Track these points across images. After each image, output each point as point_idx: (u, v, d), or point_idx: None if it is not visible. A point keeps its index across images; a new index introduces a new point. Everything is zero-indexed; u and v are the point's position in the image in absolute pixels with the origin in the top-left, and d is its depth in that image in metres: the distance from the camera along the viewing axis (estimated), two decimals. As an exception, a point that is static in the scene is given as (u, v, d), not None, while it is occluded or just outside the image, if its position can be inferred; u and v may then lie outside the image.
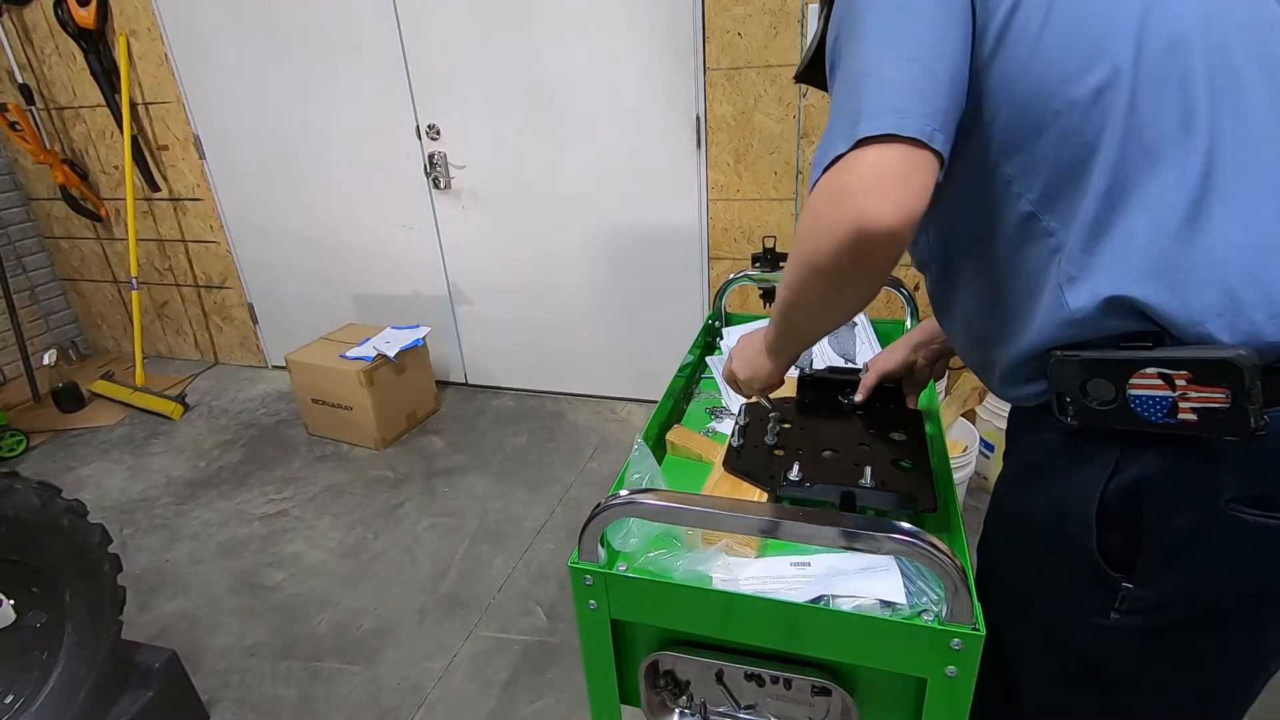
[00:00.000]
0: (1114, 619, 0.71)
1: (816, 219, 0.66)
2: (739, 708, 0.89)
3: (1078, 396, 0.67)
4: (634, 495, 0.79)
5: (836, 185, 0.64)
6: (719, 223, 2.57)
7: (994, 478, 2.28)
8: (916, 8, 0.66)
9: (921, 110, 0.63)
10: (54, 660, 1.35)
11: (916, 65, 0.64)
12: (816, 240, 0.66)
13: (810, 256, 0.68)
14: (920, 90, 0.64)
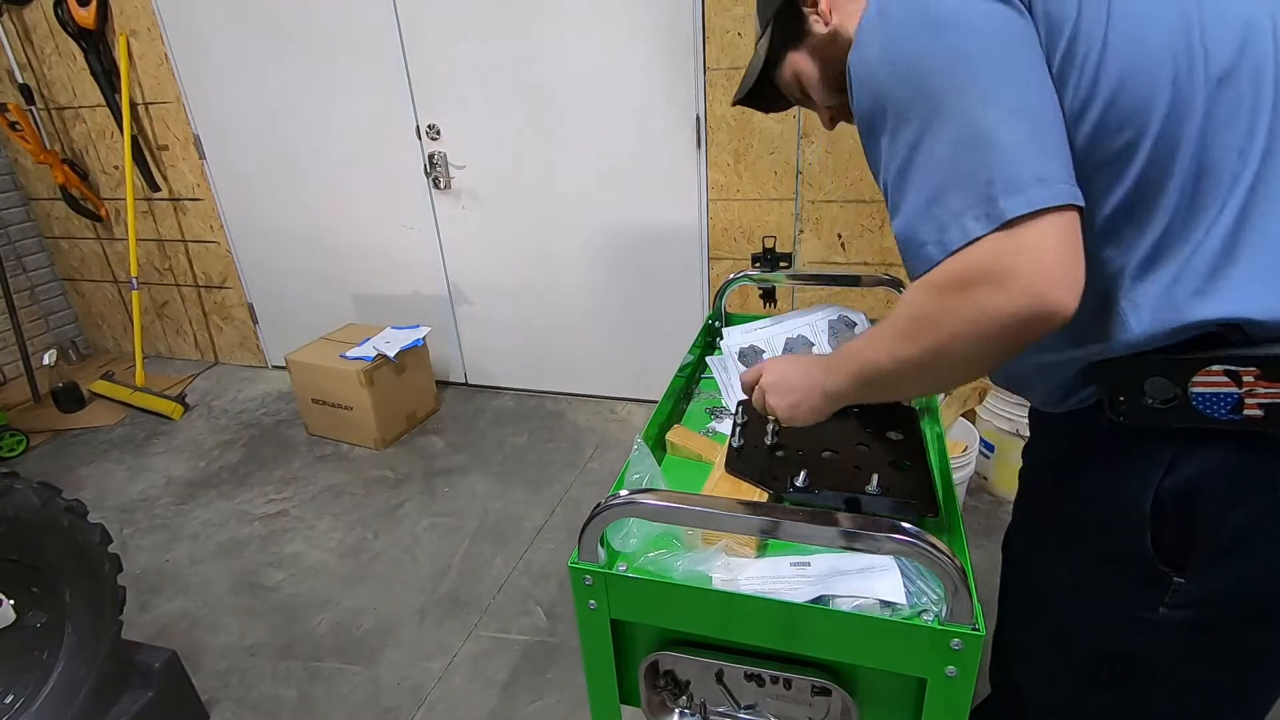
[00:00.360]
0: (1162, 613, 0.71)
1: (967, 305, 0.62)
2: (739, 708, 0.89)
3: (1133, 395, 0.67)
4: (634, 495, 0.79)
5: (993, 270, 0.60)
6: (719, 223, 2.57)
7: (994, 478, 2.28)
8: (1009, 57, 0.63)
9: (1062, 170, 0.61)
10: (54, 660, 1.35)
11: (1036, 121, 0.62)
12: (964, 327, 0.63)
13: (952, 342, 0.65)
14: (1051, 147, 0.61)
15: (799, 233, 2.48)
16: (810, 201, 2.42)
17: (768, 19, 0.88)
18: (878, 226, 2.39)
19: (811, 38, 0.86)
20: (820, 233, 2.46)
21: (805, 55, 0.88)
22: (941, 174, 0.63)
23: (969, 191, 0.61)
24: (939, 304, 0.65)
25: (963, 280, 0.62)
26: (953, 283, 0.63)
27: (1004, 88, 0.62)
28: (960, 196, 0.62)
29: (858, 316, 1.43)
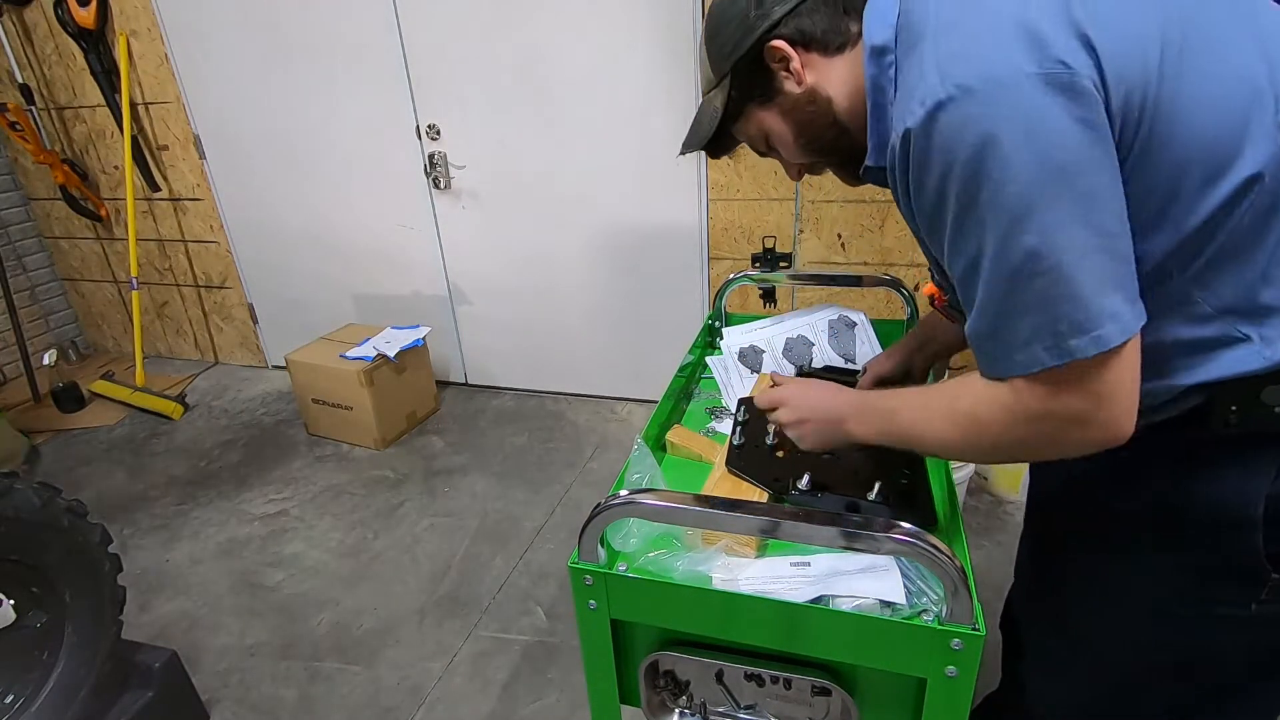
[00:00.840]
0: (1254, 610, 0.73)
1: (1045, 436, 0.68)
2: (739, 708, 0.89)
3: (1249, 403, 0.67)
4: (634, 495, 0.79)
5: (1075, 415, 0.65)
6: (719, 223, 2.57)
7: (994, 478, 2.28)
8: (1087, 168, 0.61)
9: (1131, 300, 0.63)
10: (54, 660, 1.35)
11: (1110, 245, 0.62)
12: (1032, 449, 0.71)
13: (1010, 452, 0.73)
14: (1122, 276, 0.63)
15: (799, 233, 2.48)
16: (810, 201, 2.42)
17: (724, 71, 0.83)
18: (878, 226, 2.39)
19: (782, 97, 0.81)
20: (820, 233, 2.46)
21: (775, 114, 0.83)
22: (1016, 290, 0.64)
23: (1042, 318, 0.63)
24: (1009, 425, 0.69)
25: (1038, 415, 0.67)
26: (1029, 415, 0.68)
27: (1087, 213, 0.61)
28: (1032, 321, 0.64)
29: (858, 316, 1.43)
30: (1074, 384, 0.64)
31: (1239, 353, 0.67)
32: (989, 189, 0.62)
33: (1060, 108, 0.60)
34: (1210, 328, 0.67)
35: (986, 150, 0.61)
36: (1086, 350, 0.62)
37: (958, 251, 0.68)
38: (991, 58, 0.62)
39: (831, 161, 0.87)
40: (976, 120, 0.61)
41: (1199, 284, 0.67)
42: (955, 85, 0.62)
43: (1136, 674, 0.84)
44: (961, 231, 0.66)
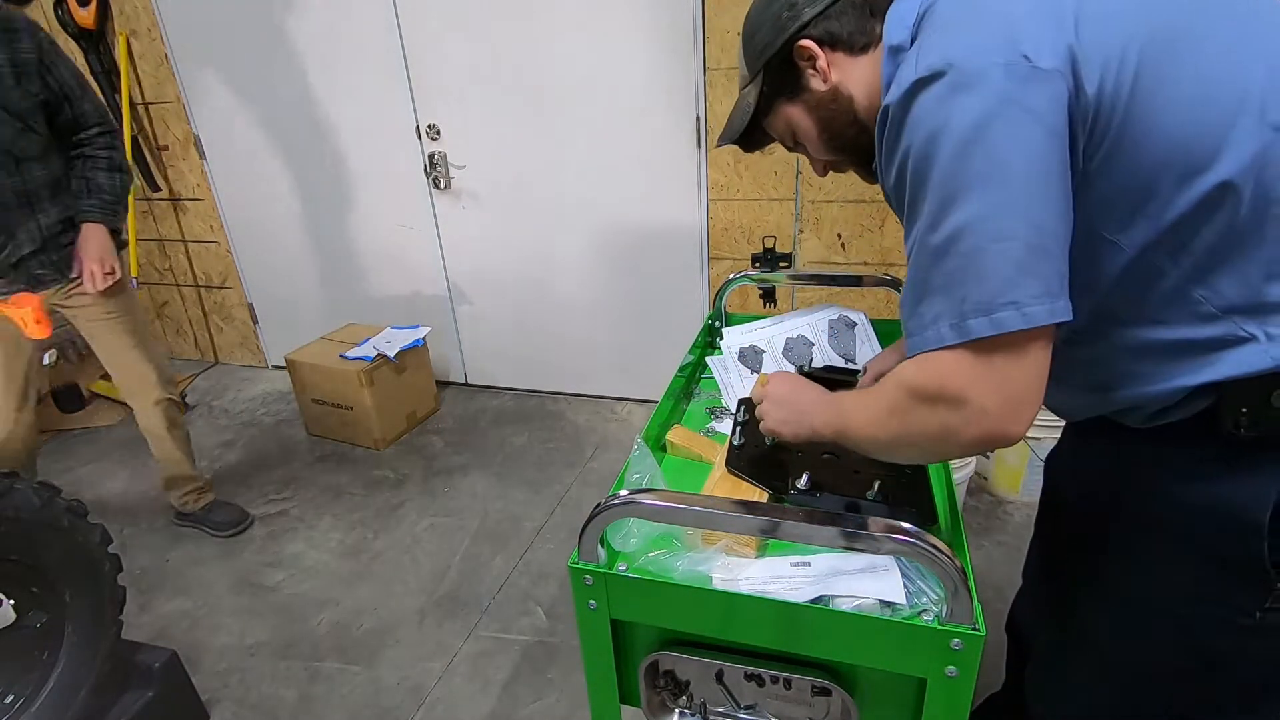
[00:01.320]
0: (1258, 617, 0.73)
1: (930, 420, 0.69)
2: (739, 708, 0.89)
3: (1258, 407, 0.67)
4: (634, 495, 0.79)
5: (956, 394, 0.66)
6: (719, 222, 2.57)
7: (994, 478, 2.28)
8: (1033, 160, 0.63)
9: (1047, 295, 0.63)
10: (54, 660, 1.35)
11: (1038, 239, 0.63)
12: (923, 438, 0.71)
13: (913, 442, 0.73)
14: (1044, 271, 0.63)
15: (799, 233, 2.48)
16: (810, 201, 2.42)
17: (757, 69, 0.87)
18: (878, 226, 2.39)
19: (808, 94, 0.85)
20: (820, 233, 2.46)
21: (801, 110, 0.87)
22: (935, 268, 0.67)
23: (950, 296, 0.65)
24: (908, 408, 0.71)
25: (930, 394, 0.68)
26: (922, 393, 0.69)
27: (1021, 204, 0.63)
28: (942, 300, 0.66)
29: (858, 316, 1.43)
30: (967, 366, 0.65)
31: (1245, 352, 0.66)
32: (935, 169, 0.65)
33: (1018, 99, 0.62)
34: (1214, 327, 0.67)
35: (940, 132, 0.64)
36: (983, 330, 0.63)
37: (907, 231, 0.70)
38: (967, 46, 0.65)
39: (852, 159, 0.90)
40: (939, 101, 0.64)
41: (1198, 282, 0.67)
42: (928, 67, 0.65)
43: (1141, 677, 0.84)
44: (911, 209, 0.69)
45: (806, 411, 0.91)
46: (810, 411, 0.90)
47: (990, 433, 0.66)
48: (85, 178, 1.85)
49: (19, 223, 1.78)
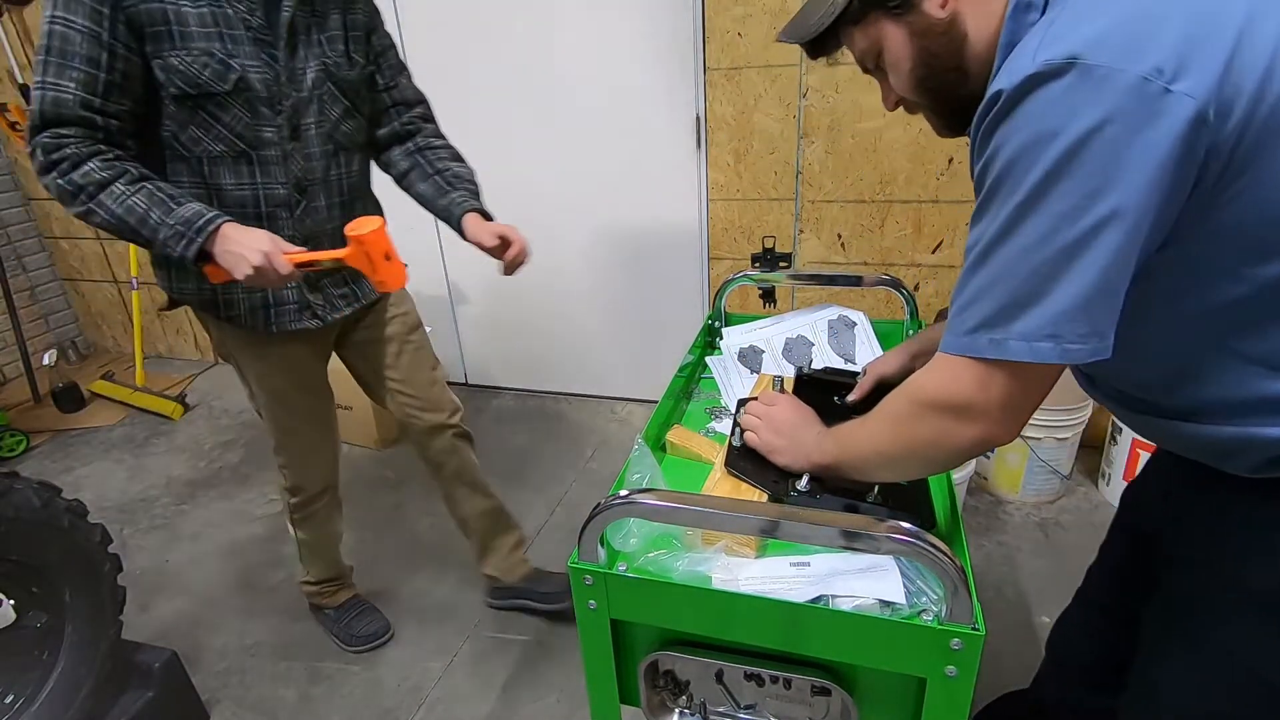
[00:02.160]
0: None
1: (933, 427, 0.72)
2: (739, 707, 0.89)
3: None
4: (634, 495, 0.79)
5: (962, 403, 0.69)
6: (719, 223, 2.57)
7: (994, 478, 2.28)
8: (1136, 189, 0.57)
9: (1091, 335, 0.62)
10: (54, 660, 1.35)
11: (1105, 274, 0.60)
12: (926, 446, 0.74)
13: (913, 450, 0.76)
14: (1096, 307, 0.62)
15: (799, 233, 2.48)
16: (810, 201, 2.42)
17: None
18: (877, 226, 2.39)
19: (917, 16, 0.72)
20: (820, 233, 2.46)
21: (902, 32, 0.74)
22: (993, 276, 0.65)
23: (999, 313, 0.64)
24: (916, 417, 0.75)
25: (938, 406, 0.72)
26: (929, 404, 0.73)
27: (1107, 235, 0.59)
28: (990, 312, 0.65)
29: (858, 316, 1.43)
30: (982, 379, 0.67)
31: None
32: (1024, 176, 0.60)
33: (1136, 124, 0.56)
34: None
35: (1043, 138, 0.59)
36: (1020, 355, 0.64)
37: (976, 219, 0.67)
38: (1101, 41, 0.57)
39: (936, 106, 0.79)
40: (1051, 104, 0.59)
41: None
42: (1048, 61, 0.58)
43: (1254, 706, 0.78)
44: (988, 202, 0.64)
45: (804, 444, 0.94)
46: (807, 444, 0.93)
47: (986, 439, 0.70)
48: (438, 171, 1.52)
49: (326, 231, 1.40)
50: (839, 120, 2.27)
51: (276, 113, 1.26)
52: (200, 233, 1.15)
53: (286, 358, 1.48)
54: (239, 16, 1.18)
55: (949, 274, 2.38)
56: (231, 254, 1.14)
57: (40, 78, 1.11)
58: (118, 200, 1.14)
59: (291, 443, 1.57)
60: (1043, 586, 1.91)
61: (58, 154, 1.12)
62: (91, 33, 1.09)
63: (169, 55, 1.14)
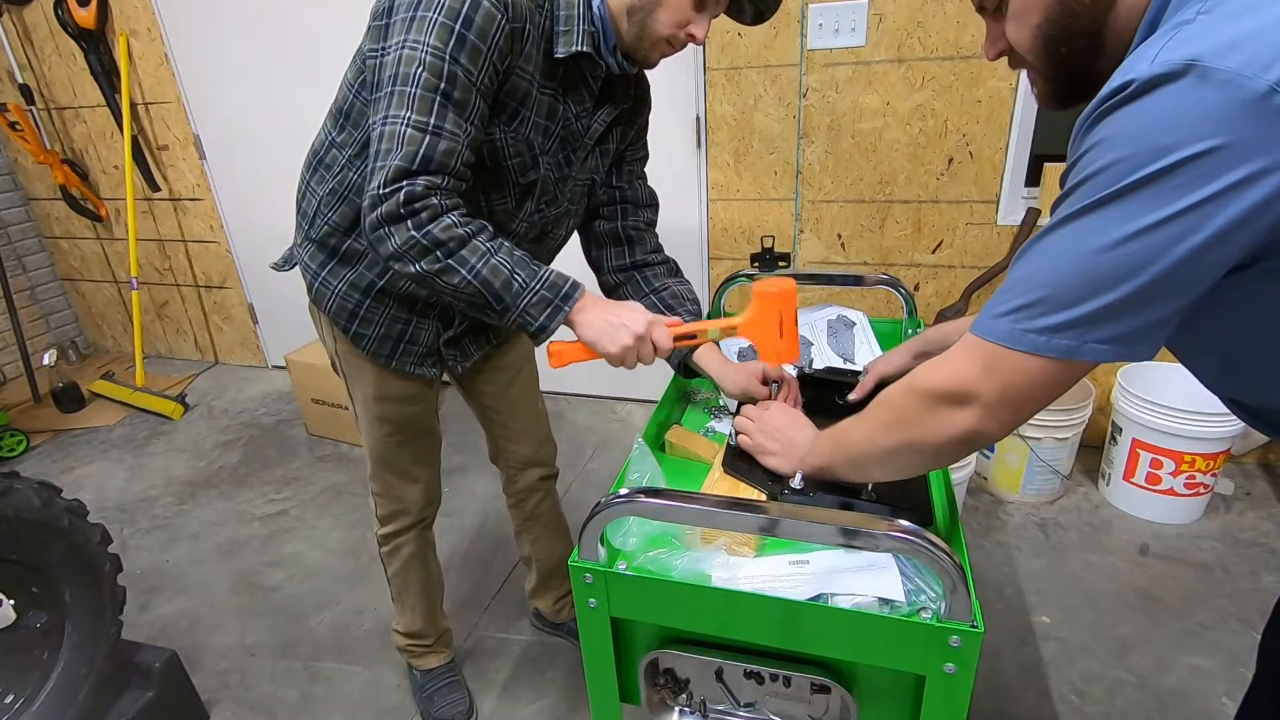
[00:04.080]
0: None
1: (924, 414, 0.72)
2: (739, 705, 0.89)
3: None
4: (634, 494, 0.80)
5: (958, 388, 0.68)
6: (719, 223, 2.57)
7: (994, 478, 2.28)
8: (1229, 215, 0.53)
9: (1117, 340, 0.60)
10: (54, 660, 1.35)
11: (1157, 286, 0.57)
12: (915, 435, 0.73)
13: (907, 440, 0.75)
14: (1152, 313, 0.58)
15: (799, 233, 2.49)
16: (810, 201, 2.43)
17: None
18: (877, 226, 2.40)
19: None
20: (820, 233, 2.46)
21: None
22: (1041, 260, 0.63)
23: (1032, 299, 0.62)
24: (916, 408, 0.74)
25: (947, 392, 0.70)
26: (929, 394, 0.72)
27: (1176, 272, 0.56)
28: (1021, 297, 0.63)
29: (857, 316, 1.43)
30: (993, 367, 0.66)
31: None
32: (1121, 174, 0.56)
33: (1242, 142, 0.52)
34: None
35: (1144, 139, 0.55)
36: (1051, 350, 0.62)
37: (1058, 204, 0.63)
38: (1230, 44, 0.52)
39: (1048, 70, 0.71)
40: (1161, 109, 0.54)
41: None
42: (1170, 63, 0.53)
43: None
44: (1071, 193, 0.61)
45: (797, 447, 0.95)
46: (800, 446, 0.95)
47: (977, 430, 0.69)
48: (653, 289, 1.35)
49: None
50: (839, 120, 2.27)
51: (539, 214, 1.20)
52: (567, 300, 1.03)
53: (400, 392, 1.37)
54: (564, 114, 1.09)
55: (948, 274, 2.39)
56: (608, 324, 1.01)
57: (428, 119, 0.94)
58: (481, 259, 0.98)
59: (385, 473, 1.46)
60: (1042, 587, 1.91)
61: (421, 202, 0.95)
62: (484, 89, 0.98)
63: (496, 129, 1.04)
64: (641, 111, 1.27)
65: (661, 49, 1.05)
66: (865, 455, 0.81)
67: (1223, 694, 1.58)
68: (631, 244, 1.36)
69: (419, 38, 0.93)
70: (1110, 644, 1.72)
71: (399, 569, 1.56)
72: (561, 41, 1.01)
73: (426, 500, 1.51)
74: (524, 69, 1.01)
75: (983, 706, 1.57)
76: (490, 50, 0.95)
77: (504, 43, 0.96)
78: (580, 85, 1.09)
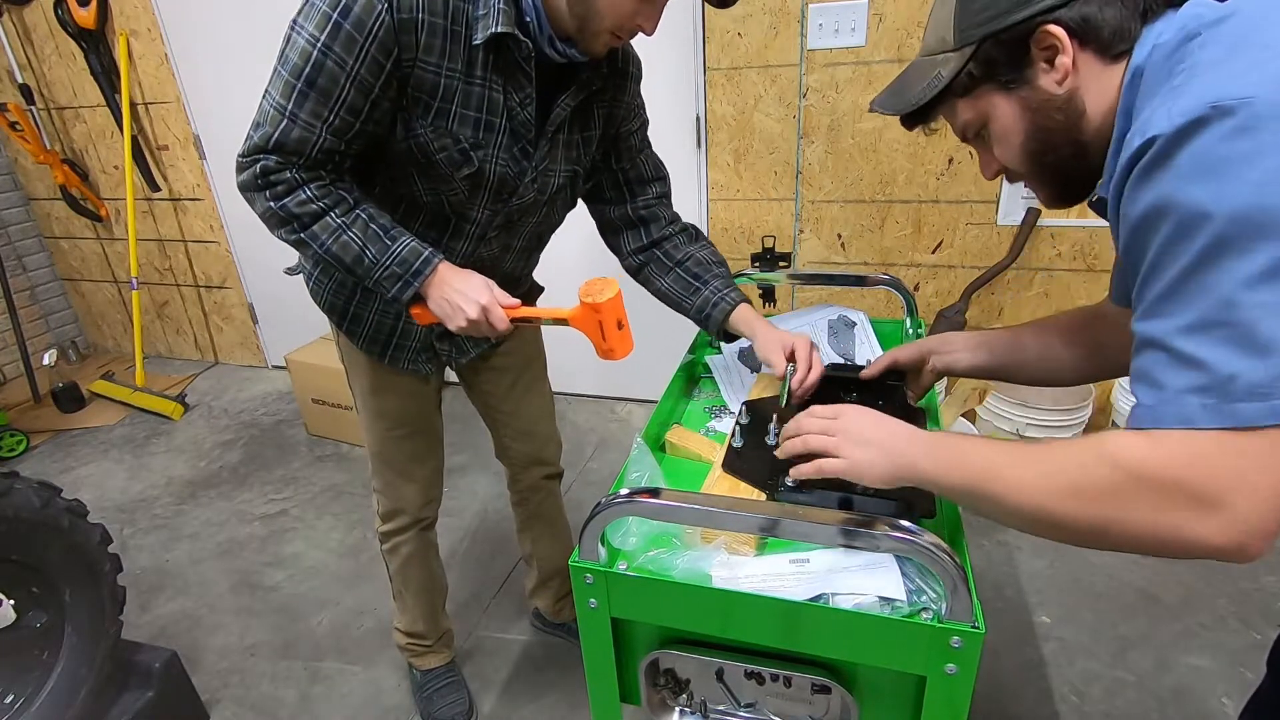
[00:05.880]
0: None
1: (1161, 518, 0.56)
2: (739, 706, 0.89)
3: None
4: (634, 494, 0.79)
5: (1204, 494, 0.54)
6: (719, 223, 2.57)
7: (994, 477, 2.28)
8: None
9: None
10: (54, 660, 1.35)
11: None
12: (1145, 534, 0.58)
13: (1121, 535, 0.59)
14: None
15: (799, 233, 2.49)
16: (810, 201, 2.43)
17: (971, 39, 0.70)
18: (877, 226, 2.40)
19: (1031, 91, 0.69)
20: (820, 233, 2.46)
21: (1014, 107, 0.71)
22: (1192, 330, 0.55)
23: (1208, 369, 0.54)
24: (1129, 493, 0.58)
25: (1168, 485, 0.56)
26: (1158, 483, 0.56)
27: None
28: (1194, 371, 0.54)
29: (858, 316, 1.43)
30: (1231, 460, 0.53)
31: None
32: (1219, 216, 0.53)
33: None
34: None
35: (1229, 175, 0.53)
36: (1260, 418, 0.52)
37: (1148, 279, 0.59)
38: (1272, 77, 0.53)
39: (1047, 179, 0.75)
40: (1231, 142, 0.53)
41: None
42: (1231, 100, 0.53)
43: None
44: (1165, 258, 0.57)
45: (902, 451, 0.76)
46: (907, 451, 0.75)
47: (1229, 545, 0.54)
48: (677, 261, 1.35)
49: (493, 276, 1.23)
50: (839, 120, 2.27)
51: (501, 203, 1.16)
52: (417, 275, 1.04)
53: (397, 387, 1.37)
54: (507, 104, 1.06)
55: (948, 274, 2.39)
56: (448, 303, 1.04)
57: (287, 103, 0.98)
58: (332, 235, 1.02)
59: (386, 469, 1.46)
60: (1042, 587, 1.91)
61: (276, 175, 1.00)
62: (360, 81, 0.97)
63: (416, 123, 1.03)
64: (625, 87, 1.23)
65: (606, 40, 1.02)
66: (1040, 514, 0.64)
67: (1223, 694, 1.58)
68: (646, 224, 1.35)
69: (304, 23, 0.99)
70: (1110, 644, 1.72)
71: (399, 568, 1.56)
72: (480, 26, 0.99)
73: (425, 500, 1.51)
74: (427, 61, 0.99)
75: (983, 706, 1.57)
76: (367, 41, 0.94)
77: (384, 35, 0.95)
78: (516, 72, 1.05)
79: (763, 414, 1.10)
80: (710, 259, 1.30)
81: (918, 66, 0.76)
